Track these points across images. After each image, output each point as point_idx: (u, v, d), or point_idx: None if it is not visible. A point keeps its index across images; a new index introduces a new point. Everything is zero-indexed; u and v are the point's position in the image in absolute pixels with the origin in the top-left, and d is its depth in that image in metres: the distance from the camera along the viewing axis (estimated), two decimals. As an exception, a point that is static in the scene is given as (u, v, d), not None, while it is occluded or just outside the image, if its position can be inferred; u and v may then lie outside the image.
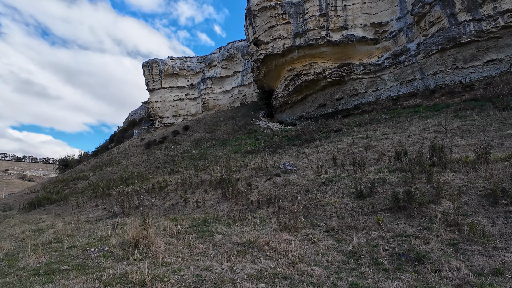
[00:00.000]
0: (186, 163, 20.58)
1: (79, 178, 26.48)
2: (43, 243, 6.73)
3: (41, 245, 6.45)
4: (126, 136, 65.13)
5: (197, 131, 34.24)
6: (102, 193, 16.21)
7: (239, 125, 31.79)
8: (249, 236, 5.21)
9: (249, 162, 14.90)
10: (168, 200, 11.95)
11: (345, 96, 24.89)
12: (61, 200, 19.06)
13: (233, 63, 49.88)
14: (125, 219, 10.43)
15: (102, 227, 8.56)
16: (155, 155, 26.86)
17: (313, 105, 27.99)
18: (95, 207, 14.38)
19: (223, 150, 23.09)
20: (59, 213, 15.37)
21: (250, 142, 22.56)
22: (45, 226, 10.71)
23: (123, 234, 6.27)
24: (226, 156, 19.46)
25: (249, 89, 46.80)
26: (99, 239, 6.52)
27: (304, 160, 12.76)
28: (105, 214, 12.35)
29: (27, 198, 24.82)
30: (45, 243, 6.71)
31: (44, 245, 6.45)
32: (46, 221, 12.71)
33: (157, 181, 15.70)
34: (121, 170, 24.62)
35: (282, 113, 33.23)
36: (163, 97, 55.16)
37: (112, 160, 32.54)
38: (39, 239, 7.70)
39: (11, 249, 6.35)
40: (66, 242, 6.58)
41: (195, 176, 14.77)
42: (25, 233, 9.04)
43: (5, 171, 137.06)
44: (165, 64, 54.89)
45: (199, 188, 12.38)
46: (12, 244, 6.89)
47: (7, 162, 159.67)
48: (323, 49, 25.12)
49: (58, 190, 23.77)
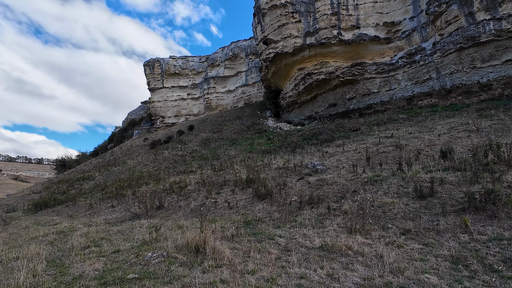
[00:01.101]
0: (199, 163, 20.07)
1: (84, 178, 25.75)
2: (80, 247, 6.22)
3: (80, 250, 5.94)
4: (126, 136, 64.15)
5: (203, 131, 33.71)
6: (116, 194, 15.62)
7: (247, 125, 31.36)
8: (321, 240, 4.80)
9: (270, 162, 14.48)
10: (193, 201, 11.46)
11: (357, 96, 24.65)
12: (70, 201, 18.40)
13: (236, 62, 49.43)
14: (151, 220, 9.94)
15: (134, 230, 8.06)
16: (163, 155, 26.26)
17: (323, 105, 27.71)
18: (110, 208, 13.80)
19: (234, 149, 22.62)
20: (71, 214, 14.75)
21: (263, 142, 22.14)
22: (65, 228, 10.15)
23: (172, 237, 5.80)
24: (241, 156, 19.00)
25: (254, 89, 46.39)
26: (142, 242, 6.04)
27: (331, 160, 12.39)
28: (125, 215, 11.81)
29: (30, 199, 24.01)
30: (82, 247, 6.19)
31: (83, 250, 5.94)
32: (62, 223, 12.12)
33: (174, 181, 15.18)
34: (129, 170, 23.98)
35: (289, 113, 32.89)
36: (165, 97, 54.43)
37: (116, 160, 31.82)
38: (70, 242, 7.17)
39: (50, 254, 5.83)
40: (106, 246, 6.07)
41: (215, 176, 14.29)
42: (49, 236, 8.49)
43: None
44: (167, 63, 54.20)
45: (224, 188, 11.92)
46: (45, 248, 6.35)
47: (0, 163, 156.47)
48: (335, 48, 24.86)
49: (63, 191, 23.05)
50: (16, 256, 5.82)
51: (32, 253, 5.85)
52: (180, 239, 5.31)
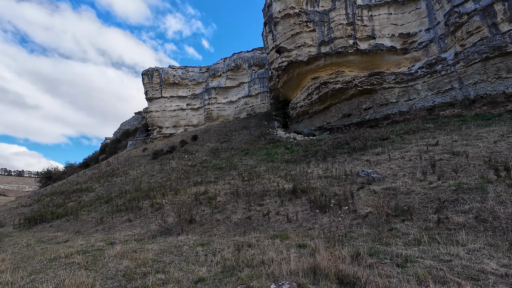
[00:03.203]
0: (215, 173, 18.55)
1: (82, 190, 23.52)
2: (137, 273, 4.68)
3: (141, 278, 4.42)
4: (120, 146, 61.54)
5: (209, 141, 32.24)
6: (129, 206, 13.83)
7: (255, 135, 30.22)
8: (498, 264, 3.57)
9: (304, 171, 13.24)
10: (231, 214, 9.97)
11: (374, 106, 24.13)
12: (70, 215, 16.34)
13: (239, 73, 48.91)
14: (190, 237, 8.39)
15: (182, 248, 6.53)
16: (170, 165, 24.52)
17: (336, 115, 27.05)
18: (127, 222, 12.04)
19: (250, 159, 21.29)
20: (78, 229, 12.82)
21: (280, 152, 20.96)
22: (85, 247, 8.41)
23: (272, 259, 4.40)
24: (263, 165, 17.68)
25: (257, 100, 45.67)
26: (223, 266, 4.59)
27: (380, 168, 11.31)
28: (151, 230, 10.15)
29: (20, 213, 21.52)
30: (142, 274, 4.66)
31: (145, 278, 4.41)
32: (73, 240, 10.29)
33: (197, 192, 13.62)
34: (134, 181, 22.06)
35: (298, 123, 32.09)
36: (163, 107, 52.85)
37: (115, 170, 29.67)
38: (112, 266, 5.57)
39: (101, 285, 4.27)
40: (175, 273, 4.57)
41: (246, 186, 12.87)
42: (74, 256, 6.80)
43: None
44: (166, 73, 53.07)
45: (265, 199, 10.52)
46: (86, 275, 4.77)
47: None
48: (351, 58, 24.56)
49: (59, 203, 20.78)
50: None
51: (76, 283, 4.28)
52: (294, 263, 3.93)
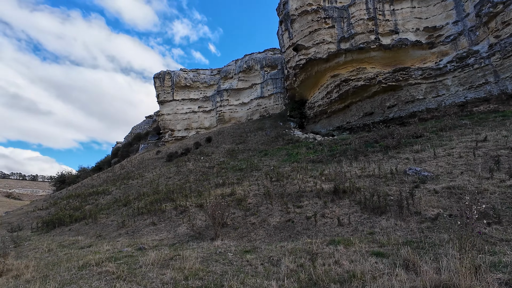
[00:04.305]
0: (237, 174, 17.75)
1: (98, 193, 23.07)
2: (192, 287, 3.87)
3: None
4: (131, 150, 61.70)
5: (224, 143, 31.56)
6: (151, 209, 13.13)
7: (272, 136, 29.38)
8: None
9: (339, 170, 12.28)
10: (267, 216, 9.10)
11: (398, 103, 22.98)
12: (89, 218, 15.78)
13: (251, 75, 48.34)
14: (227, 242, 7.56)
15: (227, 255, 5.69)
16: (186, 166, 23.86)
17: (357, 114, 25.97)
18: (152, 226, 11.30)
19: (270, 160, 20.42)
20: (100, 234, 12.17)
21: (303, 152, 20.03)
22: (113, 253, 7.68)
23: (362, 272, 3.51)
24: (287, 166, 16.79)
25: (270, 101, 44.92)
26: (299, 282, 3.72)
27: (428, 165, 10.27)
28: (179, 235, 9.36)
29: (37, 216, 21.18)
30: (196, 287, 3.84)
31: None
32: (97, 245, 9.59)
33: (222, 194, 12.82)
34: (151, 183, 21.46)
35: (316, 123, 31.10)
36: (175, 110, 52.70)
37: (129, 173, 29.26)
38: (154, 276, 4.77)
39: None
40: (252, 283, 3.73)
41: (277, 187, 11.99)
42: (105, 264, 6.05)
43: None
44: (177, 76, 53.00)
45: (303, 201, 9.61)
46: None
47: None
48: (374, 54, 23.54)
49: (76, 207, 20.33)
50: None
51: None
52: (398, 280, 3.03)
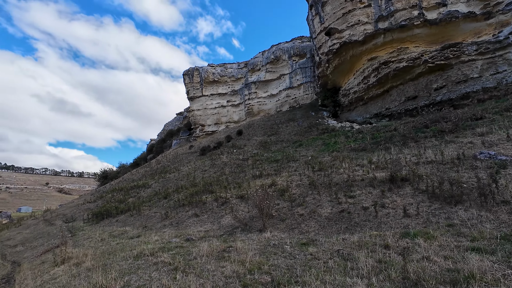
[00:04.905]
0: (272, 166, 17.31)
1: (139, 186, 24.17)
2: (261, 282, 3.49)
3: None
4: (165, 146, 64.24)
5: (255, 135, 31.27)
6: (192, 201, 13.23)
7: (304, 126, 28.42)
8: None
9: (389, 158, 11.24)
10: (316, 207, 8.53)
11: (448, 84, 20.71)
12: (133, 210, 16.44)
13: (278, 65, 47.25)
14: (276, 234, 7.13)
15: (285, 248, 5.25)
16: (220, 159, 24.00)
17: (398, 99, 23.98)
18: (194, 217, 11.33)
19: (306, 150, 19.65)
20: (145, 224, 12.52)
21: (341, 141, 18.96)
22: (162, 243, 7.66)
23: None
24: (326, 156, 15.95)
25: (299, 91, 43.62)
26: (392, 281, 3.15)
27: (503, 148, 8.89)
28: (224, 226, 9.17)
29: (87, 208, 22.76)
30: (265, 283, 3.45)
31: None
32: (145, 236, 9.76)
33: (263, 185, 12.46)
34: (187, 176, 21.91)
35: (351, 112, 29.46)
36: (204, 105, 53.59)
37: (165, 167, 30.30)
38: (213, 267, 4.49)
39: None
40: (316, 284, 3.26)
41: (321, 177, 11.32)
42: (159, 255, 5.96)
43: (45, 184, 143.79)
44: (205, 71, 53.66)
45: (354, 191, 8.86)
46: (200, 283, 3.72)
47: (47, 177, 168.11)
48: (417, 31, 21.38)
49: (120, 199, 21.44)
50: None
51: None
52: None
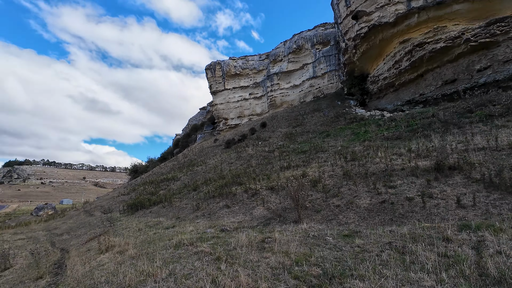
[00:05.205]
0: (300, 157, 16.96)
1: (168, 179, 25.00)
2: (312, 274, 3.30)
3: (328, 283, 3.00)
4: (190, 140, 65.80)
5: (279, 127, 30.89)
6: (222, 193, 13.35)
7: (331, 116, 27.50)
8: None
9: (431, 146, 10.43)
10: (353, 198, 8.14)
11: (493, 64, 18.78)
12: (165, 202, 17.01)
13: (301, 55, 46.00)
14: (313, 225, 6.87)
15: (326, 239, 5.00)
16: (246, 152, 24.03)
17: (434, 83, 22.26)
18: (226, 208, 11.41)
19: (334, 140, 18.99)
20: (178, 215, 12.86)
21: (373, 129, 18.06)
22: (200, 233, 7.74)
23: None
24: (357, 145, 15.27)
25: (323, 81, 42.24)
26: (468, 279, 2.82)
27: None
28: (256, 217, 9.10)
29: (121, 200, 24.03)
30: (317, 275, 3.25)
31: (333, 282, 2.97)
32: (180, 226, 10.00)
33: (293, 176, 12.21)
34: (214, 169, 22.23)
35: (380, 99, 27.95)
36: (227, 99, 53.89)
37: (192, 161, 31.03)
38: (256, 258, 4.38)
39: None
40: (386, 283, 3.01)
41: (355, 167, 10.83)
42: (198, 244, 6.01)
43: (82, 179, 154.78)
44: (227, 65, 53.74)
45: (394, 181, 8.32)
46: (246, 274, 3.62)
47: (84, 171, 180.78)
48: (457, 7, 19.53)
49: (152, 192, 22.34)
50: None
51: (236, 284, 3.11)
52: None
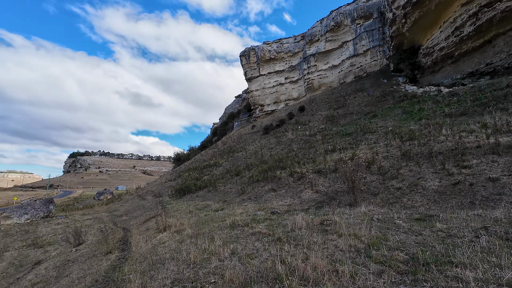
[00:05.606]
0: (346, 139, 16.00)
1: (211, 165, 25.83)
2: (396, 259, 2.91)
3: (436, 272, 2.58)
4: (227, 128, 67.17)
5: (319, 110, 29.63)
6: (266, 177, 13.26)
7: (377, 96, 25.43)
8: None
9: (509, 120, 8.88)
10: (418, 180, 7.32)
11: None
12: (210, 186, 17.57)
13: (339, 32, 42.97)
14: (373, 208, 6.29)
15: (397, 224, 4.47)
16: (286, 136, 23.59)
17: (506, 50, 19.00)
18: (271, 192, 11.29)
19: (382, 121, 17.51)
20: (224, 199, 13.15)
21: (430, 107, 16.21)
22: (251, 215, 7.70)
23: None
24: (413, 124, 13.83)
25: (365, 58, 39.12)
26: None
27: None
28: (306, 201, 8.77)
29: (169, 186, 25.54)
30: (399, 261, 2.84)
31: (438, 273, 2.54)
32: (230, 209, 10.14)
33: (341, 159, 11.53)
34: (255, 154, 22.28)
35: (434, 73, 24.95)
36: (262, 85, 53.28)
37: (232, 148, 31.57)
38: (322, 239, 4.09)
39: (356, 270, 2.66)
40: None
41: (414, 146, 9.78)
42: (254, 225, 5.93)
43: (133, 167, 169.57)
44: (261, 50, 52.70)
45: (469, 160, 7.26)
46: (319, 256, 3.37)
47: (133, 161, 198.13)
48: (541, -48, 16.06)
49: (196, 177, 23.30)
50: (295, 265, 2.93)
51: (311, 265, 2.85)
52: None
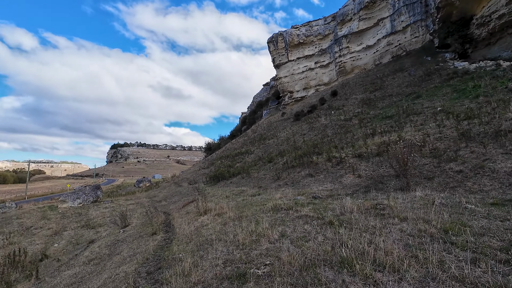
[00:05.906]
0: (386, 122, 14.93)
1: (242, 153, 26.00)
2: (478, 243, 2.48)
3: None
4: (256, 117, 67.04)
5: (353, 94, 28.05)
6: (304, 162, 12.90)
7: (419, 75, 23.28)
8: None
9: None
10: (483, 162, 6.47)
11: None
12: (243, 173, 17.66)
13: (375, 9, 39.80)
14: (430, 192, 5.66)
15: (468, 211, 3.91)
16: (318, 122, 22.78)
17: None
18: (309, 177, 10.95)
19: (428, 102, 15.96)
20: (259, 185, 13.09)
21: (487, 83, 14.38)
22: (290, 199, 7.48)
23: None
24: (467, 103, 12.37)
25: (405, 36, 35.89)
26: None
27: None
28: (347, 186, 8.30)
29: (204, 173, 26.28)
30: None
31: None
32: (267, 194, 10.03)
33: (383, 142, 10.73)
34: (287, 141, 21.89)
35: (490, 46, 22.05)
36: (291, 71, 51.85)
37: (262, 135, 31.42)
38: (379, 224, 3.72)
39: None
40: None
41: (474, 126, 8.71)
42: (298, 208, 5.70)
43: (167, 157, 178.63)
44: (290, 34, 50.95)
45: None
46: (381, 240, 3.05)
47: (167, 151, 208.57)
48: None
49: (228, 165, 23.64)
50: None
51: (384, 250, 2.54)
52: None
